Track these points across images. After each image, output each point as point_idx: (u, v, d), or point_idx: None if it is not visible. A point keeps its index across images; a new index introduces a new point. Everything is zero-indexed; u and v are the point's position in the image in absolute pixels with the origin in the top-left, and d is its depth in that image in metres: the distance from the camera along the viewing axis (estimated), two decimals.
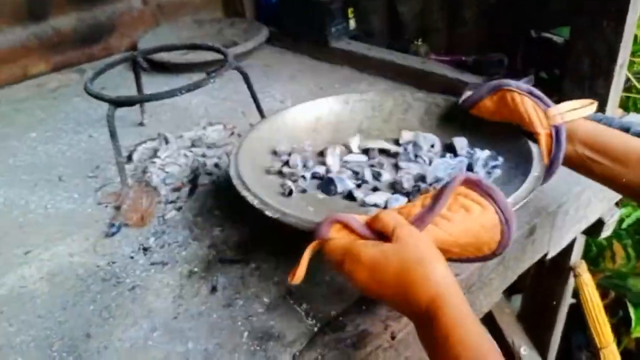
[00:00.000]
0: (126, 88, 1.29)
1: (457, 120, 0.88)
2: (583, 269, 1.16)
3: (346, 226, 0.59)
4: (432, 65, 1.26)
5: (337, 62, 1.43)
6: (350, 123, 0.94)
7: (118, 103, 0.90)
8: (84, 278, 0.79)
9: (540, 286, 1.28)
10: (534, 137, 0.75)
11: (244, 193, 0.73)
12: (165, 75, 1.47)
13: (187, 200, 0.94)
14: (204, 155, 1.04)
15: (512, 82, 0.77)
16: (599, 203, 0.94)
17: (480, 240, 0.58)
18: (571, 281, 1.21)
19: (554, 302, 1.25)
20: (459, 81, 1.15)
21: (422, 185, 0.78)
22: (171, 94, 0.90)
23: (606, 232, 1.04)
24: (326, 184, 0.82)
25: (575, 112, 0.73)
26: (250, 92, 1.05)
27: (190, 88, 0.91)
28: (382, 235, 0.58)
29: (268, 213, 0.68)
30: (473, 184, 0.59)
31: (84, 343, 0.68)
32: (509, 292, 1.80)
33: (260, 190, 0.74)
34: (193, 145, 1.08)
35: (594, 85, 0.97)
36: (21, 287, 0.79)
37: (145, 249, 0.84)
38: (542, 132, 0.73)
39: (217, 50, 1.04)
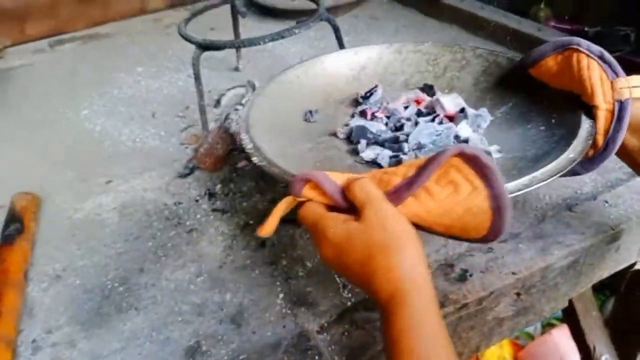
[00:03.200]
0: (245, 32, 1.26)
1: (514, 85, 0.76)
2: None
3: (319, 187, 0.54)
4: (548, 33, 1.13)
5: (446, 20, 1.34)
6: (399, 76, 0.85)
7: (204, 46, 0.91)
8: (150, 214, 0.83)
9: (634, 294, 1.15)
10: (593, 111, 0.63)
11: (243, 136, 0.69)
12: (274, 21, 1.47)
13: None
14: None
15: (584, 42, 0.65)
16: None
17: (465, 224, 0.51)
18: None
19: None
20: None
21: (401, 156, 0.69)
22: (255, 41, 0.89)
23: None
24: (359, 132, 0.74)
25: None
26: (340, 47, 1.02)
27: (274, 37, 0.89)
28: (353, 205, 0.52)
29: (254, 159, 0.65)
30: (468, 159, 0.50)
31: (136, 277, 0.73)
32: (605, 292, 1.65)
33: (272, 138, 0.70)
34: None
35: None
36: (96, 215, 0.85)
37: (210, 195, 0.86)
38: (604, 106, 0.62)
39: None
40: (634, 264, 0.80)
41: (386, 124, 0.76)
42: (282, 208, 0.56)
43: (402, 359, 0.44)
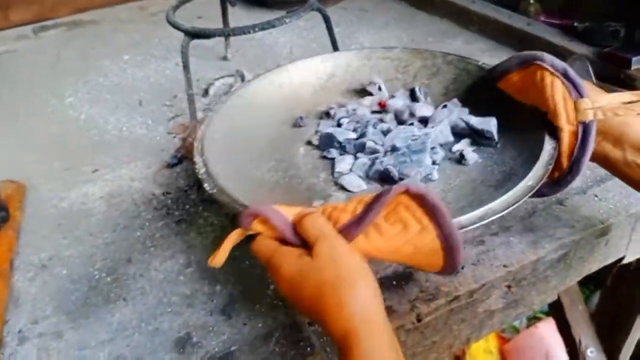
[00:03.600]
0: (234, 21, 1.25)
1: (484, 95, 0.75)
2: None
3: (265, 220, 0.52)
4: (537, 27, 1.13)
5: (436, 13, 1.34)
6: (368, 87, 0.82)
7: (193, 34, 0.90)
8: (138, 204, 0.82)
9: (621, 288, 1.16)
10: (556, 131, 0.62)
11: (196, 159, 0.67)
12: (264, 10, 1.46)
13: None
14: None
15: (548, 57, 0.63)
16: None
17: (418, 261, 0.51)
18: None
19: (633, 308, 1.14)
20: (565, 50, 1.03)
21: (378, 160, 0.69)
22: (245, 30, 0.88)
23: None
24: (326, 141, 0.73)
25: (623, 106, 0.59)
26: (330, 37, 1.01)
27: (264, 26, 0.88)
28: (305, 241, 0.51)
29: (205, 186, 0.63)
30: (416, 197, 0.49)
31: (124, 267, 0.71)
32: (590, 286, 1.68)
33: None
34: None
35: None
36: (82, 204, 0.83)
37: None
38: (567, 128, 0.60)
39: None
40: (622, 258, 0.81)
41: (354, 130, 0.75)
42: (232, 239, 0.54)
43: None
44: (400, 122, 0.77)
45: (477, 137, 0.71)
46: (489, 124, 0.70)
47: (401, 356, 0.45)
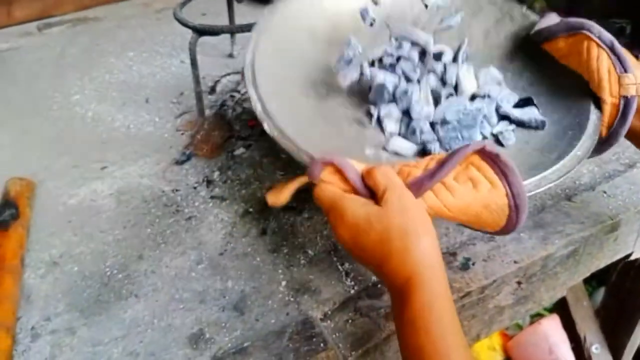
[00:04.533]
0: (239, 18, 1.20)
1: (525, 47, 0.74)
2: None
3: (340, 171, 0.53)
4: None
5: None
6: (404, 17, 0.78)
7: (200, 31, 0.90)
8: (148, 201, 0.82)
9: (625, 285, 1.17)
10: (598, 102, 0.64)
11: (250, 91, 0.64)
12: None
13: (258, 139, 0.93)
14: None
15: (595, 28, 0.64)
16: None
17: (482, 219, 0.52)
18: None
19: (638, 304, 1.14)
20: None
21: (418, 126, 0.67)
22: (252, 27, 0.88)
23: None
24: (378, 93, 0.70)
25: None
26: None
27: None
28: (374, 193, 0.53)
29: (266, 127, 0.61)
30: (488, 157, 0.51)
31: (135, 264, 0.72)
32: (593, 282, 1.68)
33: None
34: None
35: None
36: (91, 201, 0.83)
37: (209, 182, 0.85)
38: (609, 100, 0.62)
39: None
40: (630, 254, 0.81)
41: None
42: (296, 185, 0.56)
43: (418, 339, 0.45)
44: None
45: (521, 126, 0.70)
46: (532, 114, 0.69)
47: (454, 307, 0.47)
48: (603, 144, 0.65)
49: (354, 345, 0.60)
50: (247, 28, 0.89)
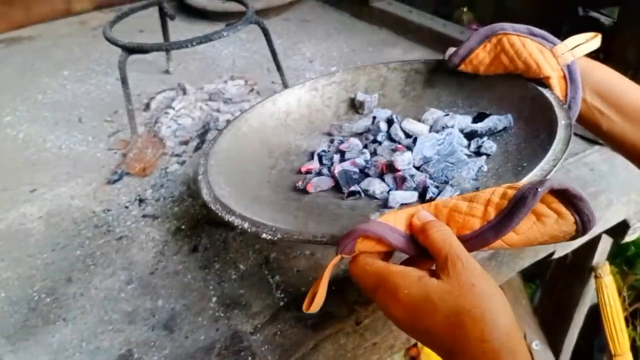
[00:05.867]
0: (175, 34, 1.21)
1: (444, 83, 0.75)
2: (605, 271, 1.08)
3: (376, 238, 0.47)
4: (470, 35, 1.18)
5: (376, 22, 1.37)
6: (326, 111, 0.82)
7: (130, 49, 0.89)
8: (78, 222, 0.81)
9: (559, 283, 1.22)
10: (542, 82, 0.64)
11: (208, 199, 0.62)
12: (205, 23, 1.46)
13: (192, 155, 0.93)
14: (218, 110, 1.03)
15: (507, 25, 0.66)
16: (622, 206, 0.86)
17: (543, 244, 0.48)
18: (592, 282, 1.14)
19: (572, 301, 1.19)
20: None
21: (408, 173, 0.65)
22: (183, 44, 0.88)
23: (632, 236, 0.96)
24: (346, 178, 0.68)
25: (581, 47, 0.62)
26: (270, 49, 1.02)
27: (202, 40, 0.88)
28: (424, 250, 0.46)
29: (265, 236, 0.55)
30: (557, 193, 0.45)
31: (64, 287, 0.71)
32: (536, 281, 1.74)
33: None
34: (210, 99, 1.07)
35: (638, 75, 0.88)
36: (20, 224, 0.81)
37: (140, 200, 0.84)
38: (554, 74, 0.62)
39: (238, 0, 1.01)
40: (552, 253, 0.85)
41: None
42: (328, 274, 0.49)
43: None
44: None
45: (489, 135, 0.69)
46: (493, 120, 0.68)
47: None
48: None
49: (282, 357, 0.61)
50: (177, 45, 0.89)
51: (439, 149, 0.67)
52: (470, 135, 0.69)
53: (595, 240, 1.07)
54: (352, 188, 0.65)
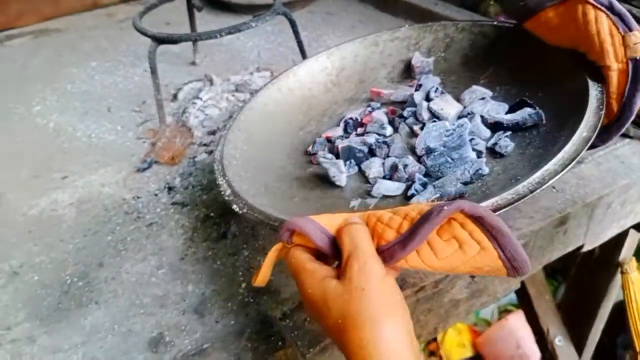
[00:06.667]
0: (202, 26, 1.22)
1: (506, 54, 0.70)
2: (632, 266, 1.07)
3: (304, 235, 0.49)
4: None
5: (401, 15, 1.37)
6: (380, 70, 0.77)
7: (160, 40, 0.90)
8: (108, 209, 0.82)
9: (584, 278, 1.20)
10: (601, 73, 0.55)
11: (220, 181, 0.64)
12: (231, 15, 1.47)
13: (219, 145, 0.94)
14: (244, 101, 1.04)
15: None
16: None
17: (476, 273, 0.46)
18: (618, 278, 1.13)
19: (597, 297, 1.18)
20: None
21: (401, 163, 0.63)
22: (211, 35, 0.89)
23: None
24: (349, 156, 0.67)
25: None
26: (297, 40, 1.03)
27: (230, 31, 0.89)
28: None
29: (235, 207, 0.60)
30: (473, 218, 0.43)
31: (95, 271, 0.72)
32: (558, 277, 1.72)
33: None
34: (237, 90, 1.08)
35: None
36: (52, 210, 0.83)
37: (170, 188, 0.85)
38: (615, 66, 0.54)
39: None
40: (581, 247, 0.84)
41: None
42: (273, 257, 0.52)
43: None
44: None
45: (519, 128, 0.66)
46: (524, 113, 0.64)
47: None
48: (618, 120, 0.56)
49: (311, 343, 0.61)
50: (205, 36, 0.90)
51: (446, 140, 0.64)
52: (494, 127, 0.66)
53: (623, 235, 1.06)
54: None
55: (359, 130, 0.72)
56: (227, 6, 1.48)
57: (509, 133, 0.65)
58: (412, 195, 0.60)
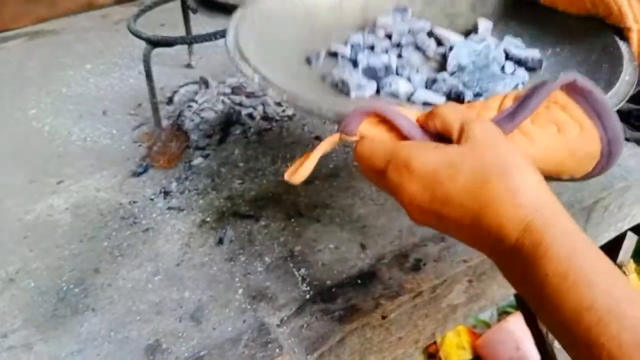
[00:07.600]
0: (197, 27, 1.23)
1: (519, 9, 0.69)
2: (629, 269, 1.07)
3: (386, 121, 0.43)
4: None
5: None
6: (385, 1, 0.74)
7: (154, 42, 0.90)
8: (104, 214, 0.82)
9: None
10: (623, 34, 0.55)
11: (242, 65, 0.60)
12: (226, 17, 1.46)
13: (215, 149, 0.94)
14: (240, 104, 1.03)
15: None
16: None
17: (563, 169, 0.43)
18: None
19: None
20: None
21: (440, 76, 0.60)
22: (207, 37, 0.89)
23: None
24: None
25: None
26: None
27: (224, 34, 0.88)
28: (439, 137, 0.42)
29: (271, 92, 0.55)
30: (579, 94, 0.41)
31: (92, 277, 0.72)
32: None
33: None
34: (232, 92, 1.07)
35: None
36: (48, 216, 0.83)
37: (166, 193, 0.85)
38: (635, 26, 0.54)
39: None
40: None
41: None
42: (325, 148, 0.45)
43: (582, 295, 0.34)
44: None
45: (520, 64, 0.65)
46: (530, 53, 0.63)
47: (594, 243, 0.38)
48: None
49: (309, 349, 0.61)
50: (201, 39, 0.90)
51: (475, 60, 0.62)
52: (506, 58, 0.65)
53: (620, 238, 1.06)
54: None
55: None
56: (222, 7, 1.47)
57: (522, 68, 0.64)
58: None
